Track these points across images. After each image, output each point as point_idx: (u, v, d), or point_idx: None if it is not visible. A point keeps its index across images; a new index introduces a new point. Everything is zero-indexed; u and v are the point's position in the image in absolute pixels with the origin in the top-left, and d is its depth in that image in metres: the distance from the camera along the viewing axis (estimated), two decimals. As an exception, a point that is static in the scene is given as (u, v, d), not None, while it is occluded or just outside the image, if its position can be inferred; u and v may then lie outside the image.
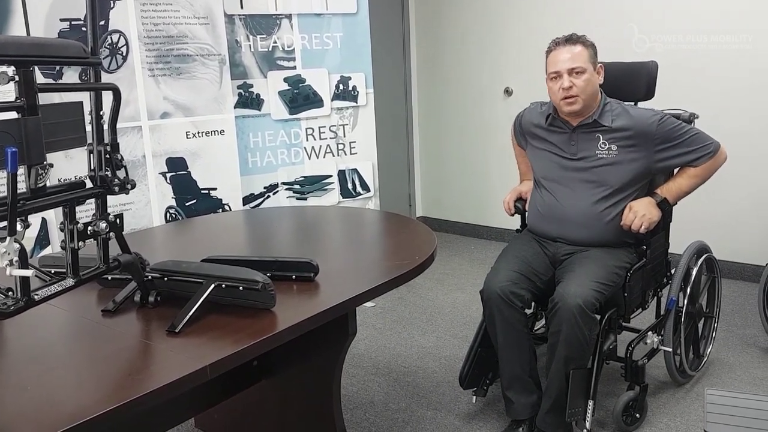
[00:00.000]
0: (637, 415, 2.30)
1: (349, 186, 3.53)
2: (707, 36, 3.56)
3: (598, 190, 2.23)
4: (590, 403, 2.11)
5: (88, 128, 1.33)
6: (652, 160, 2.20)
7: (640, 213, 2.15)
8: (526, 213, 2.49)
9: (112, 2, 2.71)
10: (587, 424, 2.11)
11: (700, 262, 2.53)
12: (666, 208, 2.16)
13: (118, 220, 1.36)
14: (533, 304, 2.29)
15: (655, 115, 2.20)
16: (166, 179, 2.94)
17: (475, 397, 2.40)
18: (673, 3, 3.64)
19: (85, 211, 1.70)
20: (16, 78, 1.13)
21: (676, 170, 2.30)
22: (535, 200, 2.40)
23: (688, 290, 2.46)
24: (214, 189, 3.08)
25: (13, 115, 1.15)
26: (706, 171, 2.22)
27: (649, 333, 2.43)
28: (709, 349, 2.72)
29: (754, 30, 3.42)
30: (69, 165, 2.50)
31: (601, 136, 2.23)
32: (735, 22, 3.47)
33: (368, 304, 3.49)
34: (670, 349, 2.41)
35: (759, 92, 3.47)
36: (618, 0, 3.82)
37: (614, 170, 2.22)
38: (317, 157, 3.43)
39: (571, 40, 2.21)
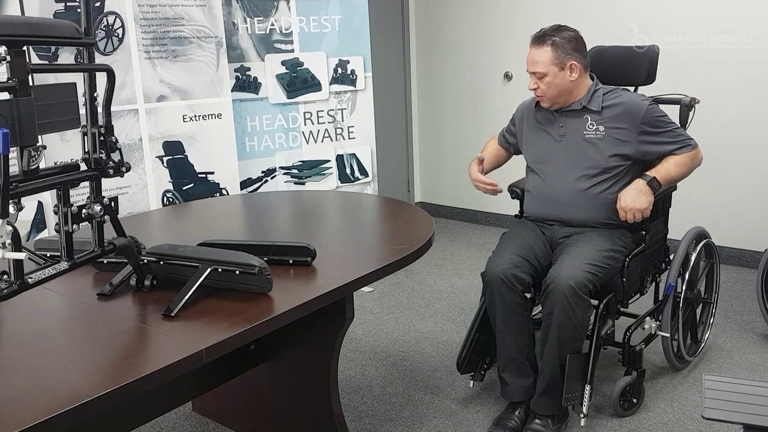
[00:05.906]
0: (635, 400, 2.31)
1: (348, 171, 3.51)
2: (707, 36, 3.53)
3: (583, 169, 2.25)
4: (587, 387, 2.11)
5: (83, 110, 1.32)
6: (636, 142, 2.21)
7: (629, 206, 2.15)
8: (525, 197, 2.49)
9: (107, -17, 2.68)
10: (584, 409, 2.11)
11: (699, 248, 2.52)
12: (657, 187, 2.16)
13: (112, 203, 1.36)
14: (531, 289, 2.29)
15: (646, 99, 2.25)
16: (162, 163, 2.92)
17: (472, 381, 2.41)
18: (673, 3, 3.60)
19: (82, 195, 1.69)
20: (8, 58, 1.12)
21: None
22: (528, 185, 2.43)
23: (687, 276, 2.46)
24: (212, 173, 3.07)
25: (5, 95, 1.13)
26: (689, 160, 2.24)
27: (647, 318, 2.43)
28: (706, 335, 2.73)
29: (754, 29, 3.40)
30: (65, 148, 2.49)
31: (589, 117, 2.26)
32: (735, 21, 3.44)
33: (366, 288, 3.48)
34: (668, 335, 2.42)
35: (759, 82, 3.44)
36: (618, 0, 3.79)
37: (599, 150, 2.23)
38: (315, 142, 3.41)
39: (541, 39, 2.20)
